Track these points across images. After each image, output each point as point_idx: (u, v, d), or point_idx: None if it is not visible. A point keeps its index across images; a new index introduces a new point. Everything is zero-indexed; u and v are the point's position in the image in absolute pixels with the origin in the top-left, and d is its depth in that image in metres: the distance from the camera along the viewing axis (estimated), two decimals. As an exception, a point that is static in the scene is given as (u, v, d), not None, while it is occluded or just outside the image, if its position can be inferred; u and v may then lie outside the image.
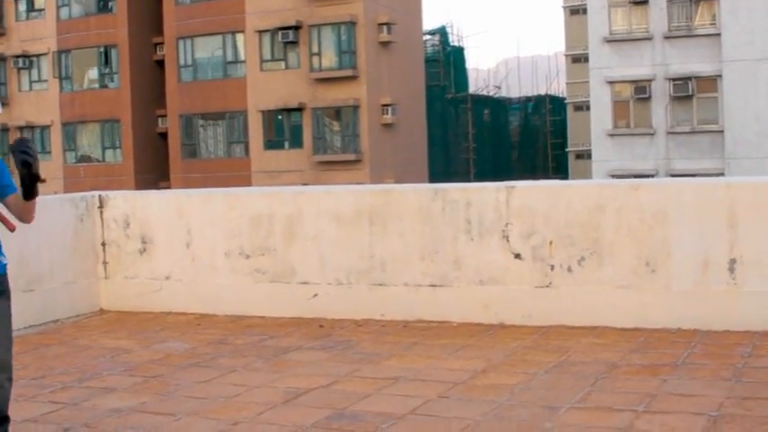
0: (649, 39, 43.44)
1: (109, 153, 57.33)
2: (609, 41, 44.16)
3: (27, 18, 59.35)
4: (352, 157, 50.60)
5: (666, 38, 43.11)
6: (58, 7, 58.03)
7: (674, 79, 42.82)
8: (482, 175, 60.60)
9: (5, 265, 5.57)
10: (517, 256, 10.02)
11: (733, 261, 9.29)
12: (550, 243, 9.89)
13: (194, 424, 6.99)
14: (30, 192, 5.36)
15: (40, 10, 58.74)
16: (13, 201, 5.53)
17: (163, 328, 10.77)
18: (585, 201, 9.86)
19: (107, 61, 56.92)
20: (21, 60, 58.50)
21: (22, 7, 59.42)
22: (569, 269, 9.83)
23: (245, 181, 49.56)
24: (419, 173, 54.11)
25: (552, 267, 9.90)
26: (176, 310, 11.56)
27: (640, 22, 44.02)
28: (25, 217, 5.61)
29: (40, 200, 5.66)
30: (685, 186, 10.19)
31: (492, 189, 10.25)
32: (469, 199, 10.24)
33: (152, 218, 11.86)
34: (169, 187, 49.91)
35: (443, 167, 62.20)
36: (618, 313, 9.65)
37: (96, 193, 12.27)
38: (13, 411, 5.72)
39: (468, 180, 55.18)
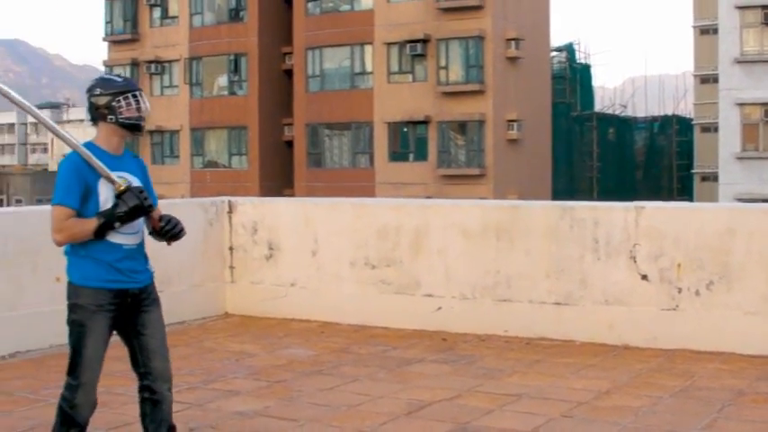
0: (781, 61, 42.67)
1: (235, 159, 58.08)
2: (740, 62, 43.45)
3: (161, 25, 60.47)
4: (476, 171, 50.52)
5: (799, 60, 42.30)
6: (191, 15, 59.00)
7: (805, 102, 41.98)
8: (605, 194, 59.96)
9: (153, 273, 5.70)
10: (644, 277, 9.92)
11: None
12: (678, 266, 9.77)
13: (317, 430, 7.06)
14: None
15: (174, 17, 59.79)
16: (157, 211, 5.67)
17: (286, 334, 10.89)
18: (716, 224, 9.72)
19: (237, 69, 57.71)
20: (153, 66, 59.62)
21: (157, 14, 60.56)
22: (697, 293, 9.70)
23: (369, 192, 49.77)
24: (543, 190, 53.80)
25: (680, 290, 9.78)
26: (300, 316, 11.68)
27: (773, 43, 43.24)
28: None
29: (170, 203, 5.85)
30: (820, 213, 9.99)
31: (620, 209, 10.17)
32: (597, 218, 10.17)
33: (279, 225, 12.01)
34: (293, 195, 50.40)
35: (567, 185, 61.75)
36: (745, 339, 9.50)
37: (226, 198, 12.46)
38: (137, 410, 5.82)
39: (591, 199, 54.66)
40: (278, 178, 56.11)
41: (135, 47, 60.75)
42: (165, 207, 12.47)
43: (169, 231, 5.58)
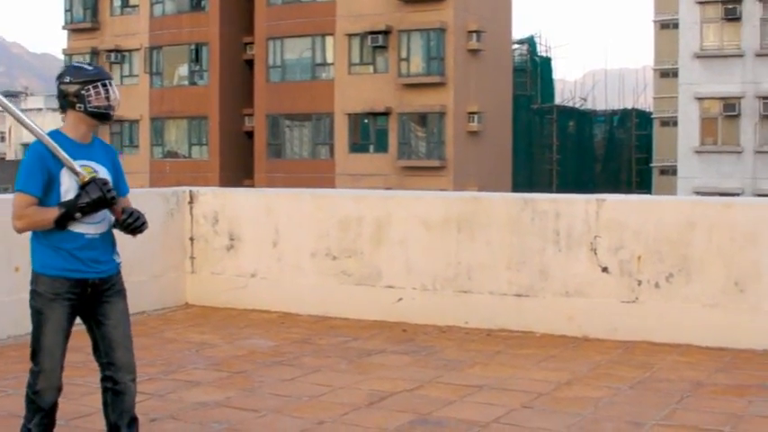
0: (740, 56, 42.92)
1: (195, 149, 57.87)
2: (699, 57, 43.70)
3: (121, 13, 60.10)
4: (436, 163, 50.57)
5: (758, 55, 42.55)
6: (152, 4, 58.69)
7: (764, 98, 42.27)
8: (565, 187, 60.21)
9: (120, 264, 5.68)
10: (604, 269, 9.98)
11: (825, 284, 9.17)
12: (639, 258, 9.83)
13: (279, 421, 7.05)
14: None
15: (134, 6, 59.46)
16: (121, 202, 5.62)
17: (247, 325, 10.87)
18: (676, 217, 9.79)
19: (197, 59, 57.48)
20: (113, 55, 59.24)
21: (117, 3, 60.17)
22: (657, 285, 9.76)
23: (329, 183, 49.74)
24: (502, 182, 53.94)
25: (639, 282, 9.84)
26: (261, 307, 11.66)
27: (732, 38, 43.52)
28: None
29: (131, 193, 5.83)
30: (778, 207, 10.07)
31: (582, 201, 10.22)
32: (559, 210, 10.21)
33: (241, 215, 11.98)
34: (253, 185, 50.26)
35: (527, 177, 61.93)
36: (704, 332, 9.57)
37: (187, 188, 12.42)
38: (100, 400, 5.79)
39: (550, 191, 54.86)
40: (238, 169, 55.96)
41: (95, 35, 60.38)
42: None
43: (132, 224, 5.54)
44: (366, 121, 53.01)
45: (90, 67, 5.54)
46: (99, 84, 5.45)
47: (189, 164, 57.03)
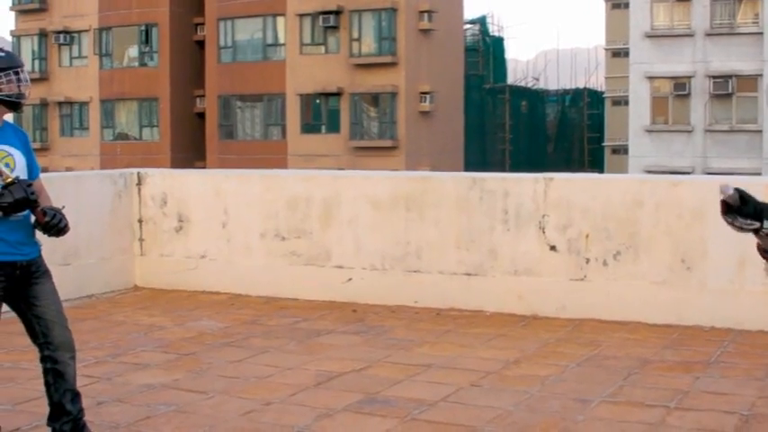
0: (691, 35, 43.17)
1: (146, 131, 57.53)
2: (650, 37, 43.90)
3: (70, -6, 59.61)
4: (388, 143, 50.59)
5: (708, 35, 42.82)
6: (101, -16, 58.25)
7: (714, 77, 42.56)
8: (517, 167, 60.36)
9: (41, 247, 5.66)
10: (553, 248, 10.01)
11: (770, 261, 9.23)
12: (587, 236, 9.87)
13: (226, 402, 7.03)
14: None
15: (83, -14, 58.97)
16: (36, 185, 5.59)
17: (196, 307, 10.83)
18: (624, 195, 9.83)
19: (147, 40, 57.07)
20: (62, 36, 58.68)
21: (65, -17, 59.69)
22: (605, 263, 9.81)
23: (281, 164, 49.60)
24: (455, 162, 54.02)
25: (588, 261, 9.88)
26: (210, 289, 11.61)
27: (682, 18, 43.74)
28: None
29: (78, 175, 5.83)
30: (724, 184, 10.12)
31: (530, 180, 10.24)
32: (507, 189, 10.23)
33: (189, 196, 11.91)
34: (205, 167, 50.03)
35: (479, 157, 62.04)
36: (652, 309, 9.62)
37: (135, 170, 12.35)
38: (43, 382, 5.77)
39: (503, 171, 55.02)
40: (189, 150, 55.68)
41: (43, 17, 59.74)
42: (72, 180, 12.37)
43: (55, 226, 5.50)
44: (318, 101, 52.94)
45: (2, 54, 5.50)
46: (11, 71, 5.45)
47: (140, 146, 56.66)
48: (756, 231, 4.33)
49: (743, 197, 4.30)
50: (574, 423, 6.48)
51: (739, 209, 4.29)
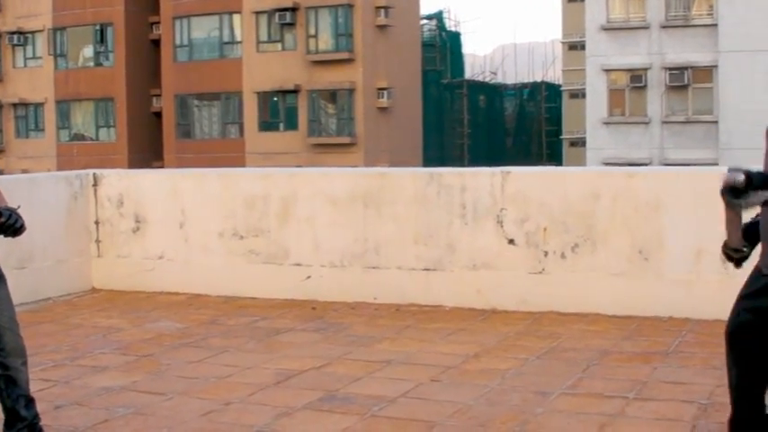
0: (646, 28, 43.40)
1: (103, 132, 57.20)
2: (606, 30, 44.10)
3: (23, -6, 59.14)
4: (346, 140, 50.56)
5: (663, 27, 43.07)
6: (55, -16, 57.82)
7: (670, 69, 42.81)
8: (476, 161, 60.42)
9: None
10: (511, 241, 10.02)
11: (726, 251, 9.28)
12: (545, 229, 9.89)
13: (185, 404, 6.99)
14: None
15: (37, -13, 58.53)
16: None
17: (155, 308, 10.76)
18: (581, 188, 9.86)
19: (102, 39, 56.73)
20: (16, 37, 58.22)
21: (18, -17, 59.21)
22: (563, 256, 9.83)
23: (240, 162, 49.48)
24: (413, 157, 54.06)
25: (546, 254, 9.90)
26: (169, 289, 11.55)
27: (638, 10, 43.97)
28: None
29: (33, 177, 5.76)
30: (680, 175, 10.19)
31: (487, 174, 10.24)
32: (465, 184, 10.23)
33: (146, 197, 11.84)
34: (163, 167, 49.80)
35: (438, 152, 62.13)
36: (610, 301, 9.66)
37: (91, 171, 12.26)
38: (5, 388, 5.71)
39: (462, 165, 55.10)
40: (147, 150, 55.41)
41: (-4, 18, 59.31)
42: (26, 182, 12.25)
43: (11, 226, 5.44)
44: (275, 99, 52.80)
45: None
46: None
47: (97, 146, 56.32)
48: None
49: (750, 177, 4.45)
50: (533, 416, 6.49)
51: (746, 190, 4.44)
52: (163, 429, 6.43)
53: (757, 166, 4.90)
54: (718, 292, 9.27)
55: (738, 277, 9.34)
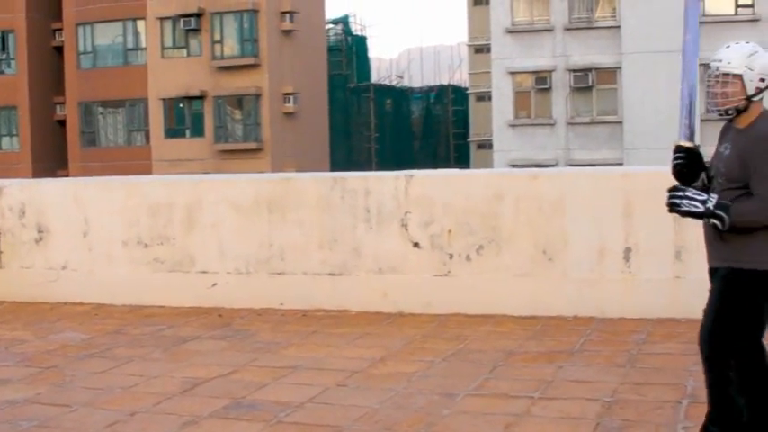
0: (550, 30, 43.85)
1: (5, 141, 56.30)
2: (511, 32, 44.47)
3: None
4: (253, 145, 50.40)
5: (567, 29, 43.55)
6: (-47, -9, 56.86)
7: (574, 71, 43.31)
8: (384, 165, 60.66)
9: None
10: (416, 244, 10.06)
11: (628, 250, 9.43)
12: (449, 232, 9.94)
13: (90, 415, 6.91)
14: None
15: (-66, -7, 57.49)
16: None
17: (59, 319, 10.63)
18: (484, 190, 9.93)
19: (4, 47, 55.87)
20: None
21: None
22: (468, 258, 9.89)
23: (146, 169, 49.05)
24: (321, 162, 54.05)
25: (451, 256, 9.95)
26: (73, 300, 11.42)
27: (542, 13, 44.40)
28: None
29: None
30: (582, 176, 10.31)
31: (391, 178, 10.27)
32: (368, 188, 10.25)
33: (48, 206, 11.69)
34: (68, 176, 49.21)
35: (345, 157, 62.22)
36: (516, 301, 9.74)
37: (-9, 181, 12.08)
38: None
39: (370, 170, 55.22)
40: (51, 159, 54.68)
41: None
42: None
43: None
44: (181, 105, 52.46)
45: None
46: None
47: (-1, 156, 55.50)
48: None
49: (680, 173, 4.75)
50: (440, 418, 6.52)
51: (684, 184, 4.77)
52: (66, 441, 6.36)
53: (660, 167, 5.30)
54: (622, 290, 9.45)
55: (641, 275, 9.51)
